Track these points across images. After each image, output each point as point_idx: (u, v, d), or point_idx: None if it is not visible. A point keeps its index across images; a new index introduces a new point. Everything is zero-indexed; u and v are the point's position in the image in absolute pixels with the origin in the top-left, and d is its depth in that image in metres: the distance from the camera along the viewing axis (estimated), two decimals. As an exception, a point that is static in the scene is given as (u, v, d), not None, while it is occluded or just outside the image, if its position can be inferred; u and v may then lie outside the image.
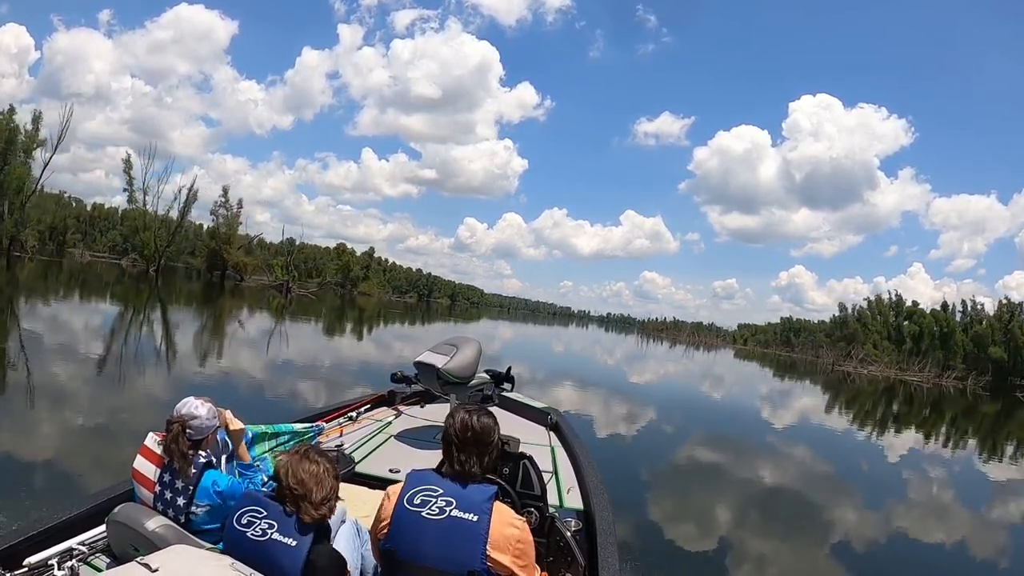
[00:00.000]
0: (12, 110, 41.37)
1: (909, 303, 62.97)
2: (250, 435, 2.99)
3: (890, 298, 64.58)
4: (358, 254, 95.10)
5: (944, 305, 58.34)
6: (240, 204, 61.19)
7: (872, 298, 66.54)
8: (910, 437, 16.68)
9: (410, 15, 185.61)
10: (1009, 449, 16.92)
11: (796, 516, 7.48)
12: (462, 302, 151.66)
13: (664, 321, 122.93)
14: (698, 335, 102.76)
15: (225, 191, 59.88)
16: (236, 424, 2.60)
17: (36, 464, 5.19)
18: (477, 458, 1.92)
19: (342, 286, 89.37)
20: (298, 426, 3.53)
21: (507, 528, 1.79)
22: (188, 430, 2.28)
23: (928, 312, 58.86)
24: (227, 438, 2.68)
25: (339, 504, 2.03)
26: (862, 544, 6.40)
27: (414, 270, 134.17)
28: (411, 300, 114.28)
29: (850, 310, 67.60)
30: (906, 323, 59.85)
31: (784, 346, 79.42)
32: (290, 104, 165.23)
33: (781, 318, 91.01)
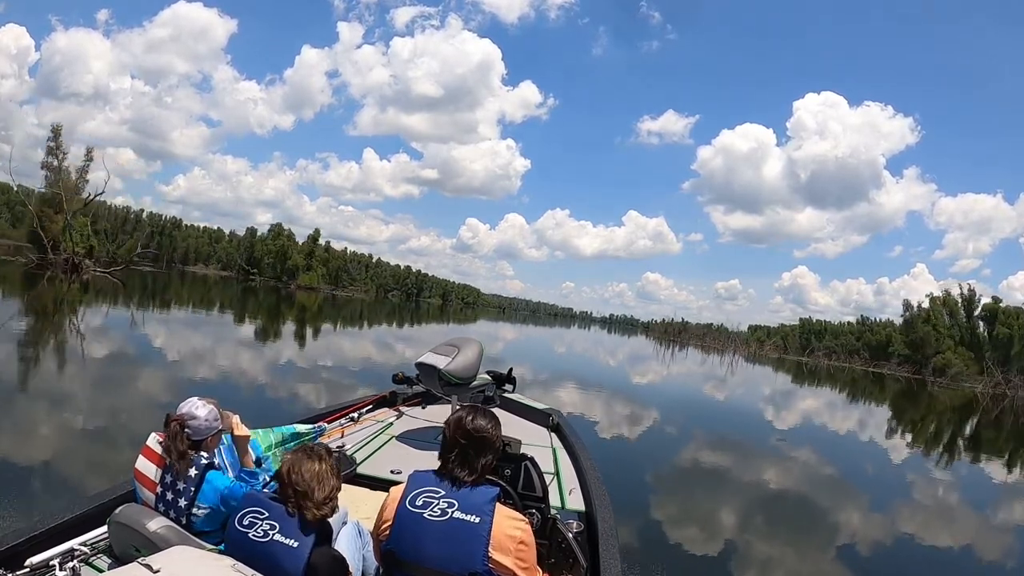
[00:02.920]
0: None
1: (987, 299, 51.74)
2: (256, 448, 3.00)
3: (961, 294, 54.16)
4: (299, 240, 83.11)
5: (1030, 300, 47.44)
6: (89, 155, 40.23)
7: (940, 294, 56.57)
8: None
9: (410, 12, 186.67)
10: None
11: (792, 510, 7.47)
12: (456, 302, 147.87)
13: (672, 322, 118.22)
14: (741, 343, 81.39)
15: (56, 133, 39.17)
16: (242, 430, 2.59)
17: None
18: (469, 459, 1.90)
19: (279, 278, 77.98)
20: (299, 427, 3.54)
21: (509, 529, 1.79)
22: (187, 430, 2.29)
23: (1013, 310, 48.54)
24: (232, 443, 2.68)
25: (341, 505, 2.03)
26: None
27: (402, 267, 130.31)
28: (395, 299, 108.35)
29: (915, 308, 56.70)
30: (981, 323, 50.82)
31: (804, 351, 70.91)
32: (290, 103, 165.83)
33: (800, 319, 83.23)
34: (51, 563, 2.19)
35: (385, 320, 43.93)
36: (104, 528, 2.33)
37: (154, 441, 2.34)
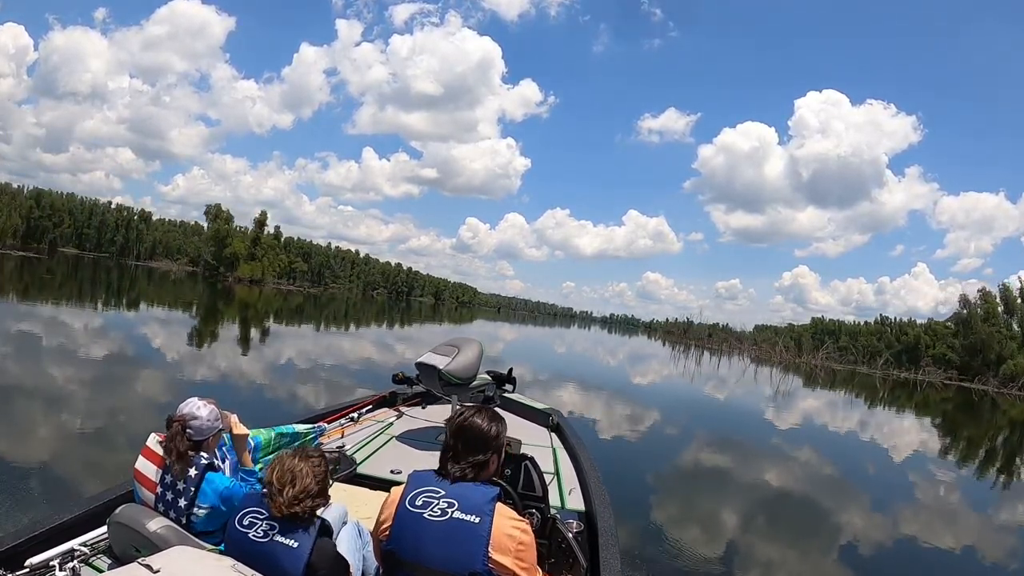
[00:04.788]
0: None
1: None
2: (253, 443, 3.00)
3: (1022, 290, 47.82)
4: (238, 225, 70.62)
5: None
6: None
7: (996, 288, 50.14)
8: None
9: (409, 9, 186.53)
10: None
11: (804, 521, 7.46)
12: (450, 301, 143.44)
13: (676, 322, 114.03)
14: (787, 349, 60.17)
15: None
16: (241, 429, 2.60)
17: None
18: (465, 456, 1.90)
19: (215, 269, 66.94)
20: (300, 427, 3.54)
21: (508, 529, 1.79)
22: (188, 430, 2.29)
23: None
24: (229, 443, 2.68)
25: (340, 505, 2.03)
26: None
27: (392, 264, 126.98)
28: (381, 298, 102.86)
29: (974, 306, 49.62)
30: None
31: (819, 351, 58.00)
32: (288, 102, 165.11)
33: (812, 318, 76.65)
34: (51, 563, 2.19)
35: (358, 322, 37.49)
36: (104, 528, 2.33)
37: (154, 441, 2.34)
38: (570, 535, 2.55)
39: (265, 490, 1.91)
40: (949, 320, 54.86)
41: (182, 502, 2.23)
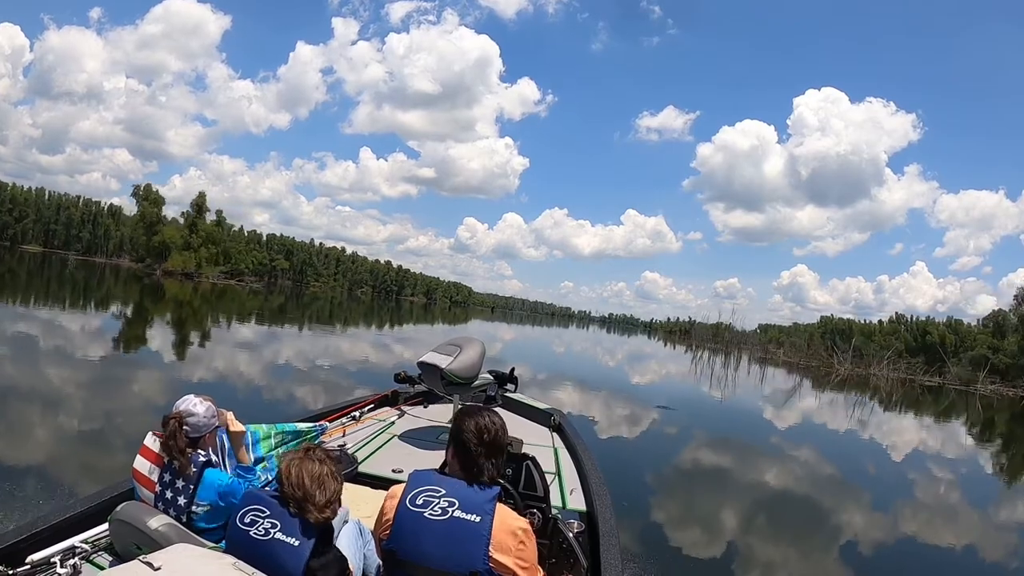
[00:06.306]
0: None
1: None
2: (251, 438, 3.00)
3: None
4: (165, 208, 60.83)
5: None
6: None
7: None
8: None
9: (405, 7, 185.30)
10: None
11: (806, 520, 7.45)
12: (442, 301, 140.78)
13: (677, 322, 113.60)
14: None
15: None
16: (237, 426, 2.60)
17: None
18: (483, 461, 1.91)
19: (142, 261, 59.53)
20: (301, 425, 3.54)
21: (509, 529, 1.79)
22: (185, 427, 2.29)
23: None
24: (226, 439, 2.68)
25: (342, 504, 2.02)
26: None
27: (381, 263, 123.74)
28: (365, 297, 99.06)
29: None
30: None
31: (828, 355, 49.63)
32: (284, 101, 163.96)
33: (821, 317, 72.67)
34: (52, 560, 2.19)
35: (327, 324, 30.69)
36: (105, 526, 2.33)
37: (152, 440, 2.34)
38: (571, 535, 2.55)
39: (277, 492, 1.90)
40: (987, 319, 51.14)
41: (182, 500, 2.23)
